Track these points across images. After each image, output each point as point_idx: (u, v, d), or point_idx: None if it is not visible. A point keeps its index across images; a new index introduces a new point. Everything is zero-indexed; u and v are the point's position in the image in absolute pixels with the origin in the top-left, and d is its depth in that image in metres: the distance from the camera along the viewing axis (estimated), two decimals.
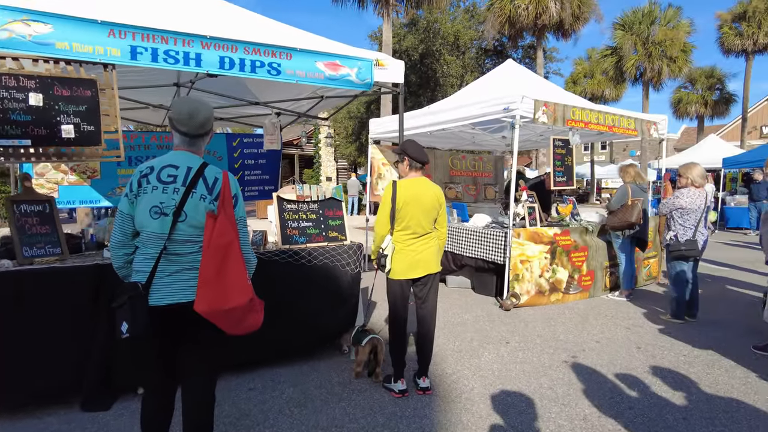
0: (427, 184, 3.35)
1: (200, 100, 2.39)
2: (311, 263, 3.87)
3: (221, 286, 2.05)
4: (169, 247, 2.10)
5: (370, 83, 4.15)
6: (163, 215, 2.10)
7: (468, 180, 9.24)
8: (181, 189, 2.12)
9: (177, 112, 2.21)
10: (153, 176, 2.12)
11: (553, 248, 5.85)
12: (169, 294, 2.11)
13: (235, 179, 2.30)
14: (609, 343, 4.46)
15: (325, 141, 24.59)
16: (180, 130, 2.21)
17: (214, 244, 2.06)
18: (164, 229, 2.10)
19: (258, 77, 3.78)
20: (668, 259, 5.18)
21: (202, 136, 2.27)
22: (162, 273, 2.11)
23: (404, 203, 3.19)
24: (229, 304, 2.05)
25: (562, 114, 5.75)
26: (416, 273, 3.27)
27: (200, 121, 2.21)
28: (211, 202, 2.15)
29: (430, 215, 3.31)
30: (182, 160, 2.19)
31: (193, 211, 2.12)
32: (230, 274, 2.07)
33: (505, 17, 17.90)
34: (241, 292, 2.09)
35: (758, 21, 25.97)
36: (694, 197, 4.94)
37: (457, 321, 5.16)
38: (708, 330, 4.83)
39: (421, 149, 3.33)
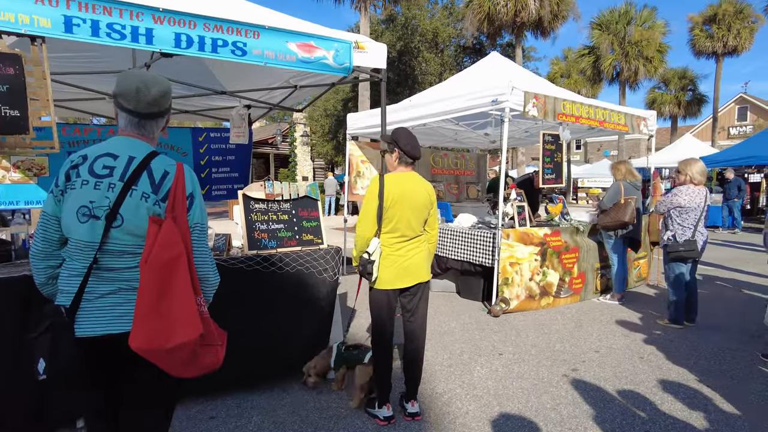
0: (419, 180, 2.93)
1: (150, 73, 1.88)
2: (283, 271, 3.40)
3: (163, 316, 1.57)
4: (100, 261, 1.64)
5: (349, 68, 3.71)
6: (93, 218, 1.63)
7: (450, 178, 8.88)
8: (117, 185, 1.65)
9: (122, 84, 1.72)
10: (85, 167, 1.66)
11: (543, 250, 5.51)
12: (100, 322, 1.64)
13: (192, 174, 1.82)
14: (609, 353, 4.12)
15: (300, 140, 23.97)
16: (125, 107, 1.72)
17: (154, 259, 1.58)
18: (94, 237, 1.63)
19: (221, 58, 3.30)
20: (666, 261, 4.89)
21: (155, 116, 1.77)
22: (91, 294, 1.64)
23: (393, 201, 2.76)
24: (173, 342, 1.56)
25: (553, 107, 5.41)
26: (405, 282, 2.84)
27: (153, 96, 1.72)
28: (156, 202, 1.67)
29: (421, 215, 2.89)
30: (124, 147, 1.72)
31: (131, 214, 1.64)
32: (175, 301, 1.60)
33: (484, 14, 17.66)
34: (188, 324, 1.60)
35: (728, 24, 26.60)
36: (693, 195, 4.65)
37: (444, 330, 4.76)
38: (709, 335, 4.55)
39: (416, 141, 2.90)
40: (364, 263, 2.76)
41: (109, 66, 4.50)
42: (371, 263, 2.73)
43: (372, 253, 2.74)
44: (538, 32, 18.74)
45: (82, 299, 1.63)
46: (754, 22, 26.84)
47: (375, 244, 2.76)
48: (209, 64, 4.99)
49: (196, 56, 4.46)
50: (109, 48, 3.16)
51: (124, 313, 1.63)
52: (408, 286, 2.86)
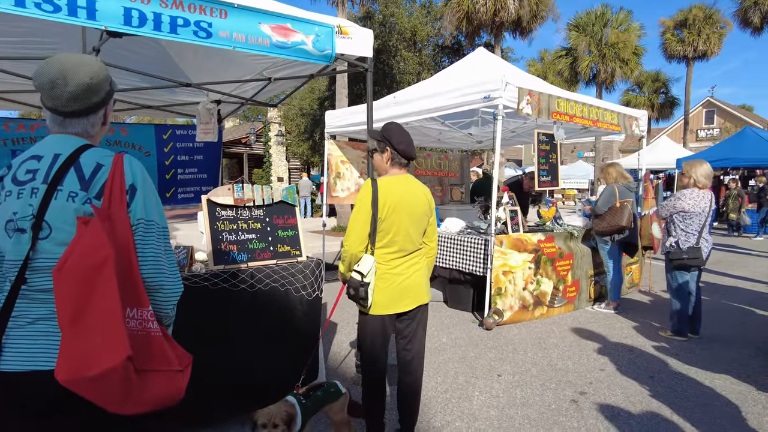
0: (416, 184, 2.52)
1: (81, 56, 1.48)
2: (254, 289, 2.93)
3: (81, 337, 1.26)
4: (31, 280, 1.35)
5: (331, 55, 3.26)
6: (19, 231, 1.36)
7: (434, 180, 8.49)
8: (41, 188, 1.38)
9: (36, 76, 1.41)
10: (8, 177, 1.42)
11: (537, 257, 5.16)
12: (28, 354, 1.33)
13: (137, 164, 1.49)
14: (616, 372, 3.77)
15: (275, 139, 23.32)
16: (45, 104, 1.45)
17: (70, 268, 1.27)
18: (20, 253, 1.35)
19: (181, 40, 2.79)
20: (668, 269, 4.60)
21: (81, 114, 1.47)
22: (21, 319, 1.35)
23: (390, 210, 2.32)
24: (96, 368, 1.24)
25: (547, 105, 5.07)
26: (404, 305, 2.41)
27: (72, 90, 1.41)
28: (86, 201, 1.38)
29: (421, 225, 2.48)
30: (50, 146, 1.45)
31: (59, 220, 1.36)
32: (96, 318, 1.28)
33: (463, 13, 17.37)
34: (111, 346, 1.27)
35: (698, 29, 27.10)
36: (698, 199, 4.36)
37: (435, 346, 4.34)
38: (717, 349, 4.27)
39: (410, 138, 2.48)
40: (355, 286, 2.29)
41: (56, 49, 3.94)
42: (365, 286, 2.28)
43: (366, 273, 2.28)
44: (516, 32, 18.58)
45: (8, 325, 1.35)
46: (723, 28, 27.42)
47: (370, 263, 2.30)
48: (172, 51, 4.46)
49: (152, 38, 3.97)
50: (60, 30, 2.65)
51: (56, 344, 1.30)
52: (407, 309, 2.42)
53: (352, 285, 2.30)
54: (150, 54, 4.40)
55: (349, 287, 2.32)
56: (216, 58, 4.55)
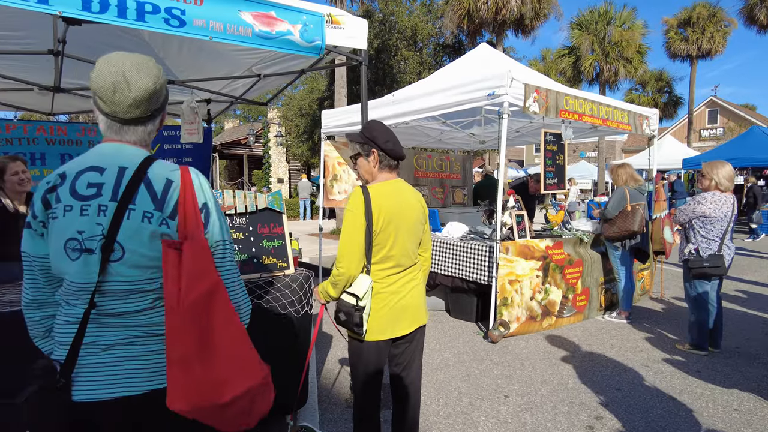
0: (408, 189, 2.21)
1: (138, 57, 1.36)
2: None
3: (209, 366, 1.24)
4: (101, 304, 1.27)
5: (321, 47, 2.96)
6: (86, 252, 1.27)
7: (435, 182, 8.18)
8: (109, 206, 1.28)
9: (95, 79, 1.30)
10: (65, 189, 1.29)
11: (545, 264, 4.85)
12: (108, 383, 1.27)
13: (202, 178, 1.40)
14: (633, 392, 3.46)
15: (275, 140, 23.06)
16: (102, 110, 1.34)
17: (186, 300, 1.22)
18: (89, 276, 1.26)
19: (149, 28, 2.49)
20: (686, 278, 4.28)
21: (143, 121, 1.38)
22: (94, 346, 1.27)
23: (385, 222, 2.01)
24: (229, 393, 1.25)
25: (555, 103, 4.76)
26: (402, 328, 2.10)
27: (136, 96, 1.31)
28: (162, 221, 1.30)
29: (417, 236, 2.18)
30: (111, 156, 1.35)
31: (133, 241, 1.28)
32: (223, 345, 1.27)
33: (464, 11, 17.05)
34: (248, 369, 1.31)
35: (702, 27, 26.76)
36: (720, 203, 4.05)
37: (438, 362, 4.04)
38: (741, 365, 3.95)
39: (396, 137, 2.16)
40: (348, 311, 1.97)
41: (28, 44, 3.66)
42: (360, 311, 1.96)
43: (362, 296, 1.96)
44: (519, 31, 18.25)
45: (82, 353, 1.27)
46: (727, 26, 27.08)
47: (366, 285, 1.98)
48: (156, 47, 4.18)
49: (133, 31, 3.68)
50: (26, 22, 2.35)
51: (140, 368, 1.29)
52: (405, 333, 2.12)
53: (344, 309, 1.98)
54: (130, 48, 4.07)
55: (339, 311, 2.00)
56: (202, 54, 4.27)
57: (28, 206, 3.34)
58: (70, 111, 5.83)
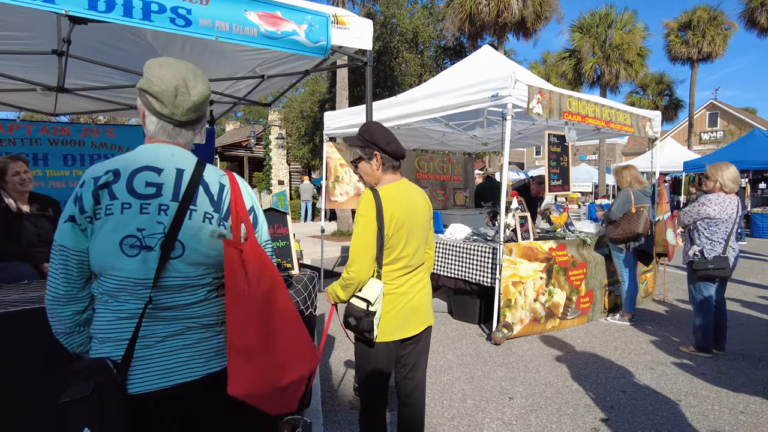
0: (414, 189, 2.19)
1: (187, 63, 1.45)
2: None
3: (273, 355, 1.36)
4: (156, 299, 1.33)
5: (326, 47, 2.96)
6: (146, 249, 1.33)
7: (436, 184, 8.18)
8: (171, 206, 1.36)
9: (155, 82, 1.37)
10: (121, 186, 1.33)
11: (549, 266, 4.84)
12: (164, 372, 1.34)
13: (246, 184, 1.54)
14: (639, 395, 3.44)
15: (275, 142, 23.06)
16: (159, 112, 1.39)
17: (257, 291, 1.35)
18: (147, 272, 1.32)
19: (155, 28, 2.49)
20: (691, 280, 4.26)
21: (195, 123, 1.47)
22: (150, 338, 1.33)
23: (398, 225, 1.99)
24: (288, 377, 1.38)
25: (558, 105, 4.76)
26: (411, 329, 2.09)
27: (195, 100, 1.40)
28: (220, 223, 1.41)
29: (425, 236, 2.17)
30: (166, 159, 1.40)
31: (193, 240, 1.37)
32: (285, 332, 1.40)
33: (465, 14, 17.07)
34: (306, 354, 1.45)
35: (702, 30, 26.81)
36: (725, 205, 4.04)
37: (441, 364, 4.02)
38: (746, 368, 3.93)
39: (394, 137, 2.13)
40: (358, 315, 1.95)
41: (31, 45, 3.66)
42: (370, 316, 1.94)
43: (374, 301, 1.94)
44: (520, 33, 18.26)
45: (137, 347, 1.32)
46: (728, 29, 27.12)
47: (377, 289, 1.96)
48: (158, 47, 4.17)
49: (135, 32, 3.67)
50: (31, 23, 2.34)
51: (193, 358, 1.37)
52: (414, 333, 2.11)
53: (354, 314, 1.96)
54: (133, 49, 4.11)
55: (349, 316, 1.99)
56: (205, 53, 4.26)
57: (30, 206, 3.34)
58: (73, 112, 5.82)
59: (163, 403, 1.34)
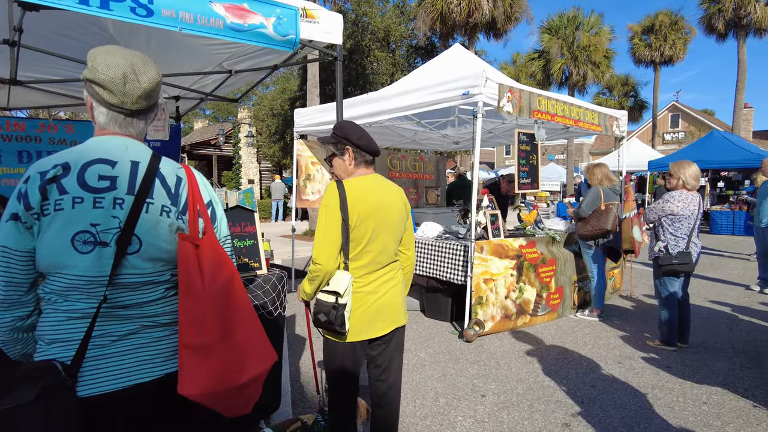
0: (388, 184, 2.16)
1: (132, 51, 1.38)
2: None
3: (230, 352, 1.33)
4: (112, 297, 1.28)
5: (295, 41, 2.89)
6: (100, 245, 1.27)
7: (408, 182, 8.17)
8: (127, 199, 1.31)
9: (101, 69, 1.30)
10: (71, 180, 1.26)
11: (519, 263, 4.88)
12: (119, 373, 1.28)
13: (203, 177, 1.50)
14: (608, 389, 3.50)
15: (245, 140, 22.69)
16: (109, 101, 1.33)
17: (213, 286, 1.32)
18: (102, 269, 1.26)
19: (114, 17, 2.38)
20: (656, 275, 4.37)
21: (147, 112, 1.41)
22: (104, 338, 1.27)
23: (362, 217, 1.95)
24: (246, 375, 1.34)
25: (528, 103, 4.80)
26: (378, 329, 2.04)
27: (145, 87, 1.35)
28: (178, 216, 1.37)
29: (397, 232, 2.12)
30: (120, 151, 1.34)
31: (151, 234, 1.32)
32: (242, 329, 1.36)
33: (437, 13, 17.18)
34: (263, 352, 1.40)
35: (664, 34, 27.76)
36: (687, 201, 4.15)
37: (413, 363, 4.00)
38: (709, 360, 4.05)
39: (368, 134, 2.12)
40: (328, 310, 1.89)
41: None
42: (340, 308, 1.88)
43: (343, 293, 1.88)
44: (490, 34, 18.51)
45: (90, 347, 1.25)
46: (687, 34, 28.14)
47: (346, 281, 1.91)
48: (121, 40, 4.00)
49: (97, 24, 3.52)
50: None
51: (151, 356, 1.33)
52: (383, 333, 2.06)
53: (323, 309, 1.90)
54: (96, 43, 3.91)
55: (319, 312, 1.93)
56: (172, 48, 4.13)
57: None
58: (31, 106, 5.56)
59: (117, 405, 1.29)
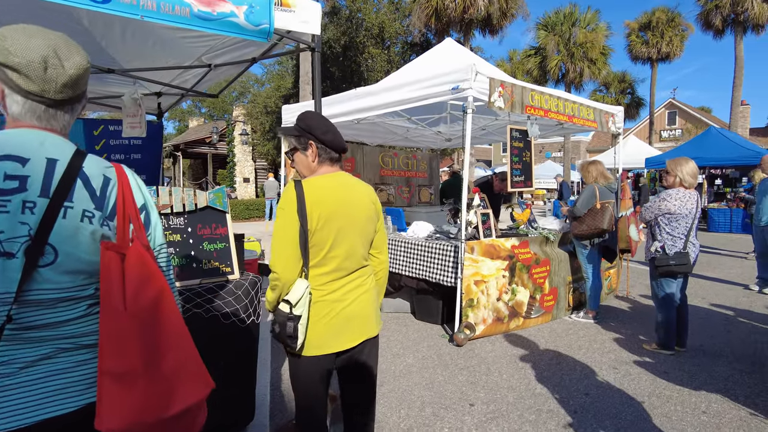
0: (355, 183, 1.96)
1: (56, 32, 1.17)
2: None
3: (158, 379, 1.12)
4: (19, 317, 1.08)
5: (268, 30, 2.71)
6: (4, 256, 1.06)
7: (401, 181, 8.01)
8: (39, 203, 1.10)
9: (16, 49, 1.10)
10: None
11: (512, 264, 4.71)
12: (30, 405, 1.08)
13: (138, 177, 1.33)
14: (602, 396, 3.34)
15: (239, 138, 22.48)
16: (26, 89, 1.13)
17: (135, 304, 1.12)
18: (8, 285, 1.06)
19: (69, 3, 2.19)
20: (653, 276, 4.21)
21: (72, 102, 1.21)
22: (8, 366, 1.07)
23: (323, 219, 1.77)
24: (178, 406, 1.13)
25: (521, 98, 4.63)
26: (345, 341, 1.86)
27: (72, 72, 1.16)
28: (104, 222, 1.17)
29: (366, 235, 1.93)
30: (34, 147, 1.14)
31: (69, 243, 1.12)
32: (171, 354, 1.16)
33: (432, 9, 16.97)
34: (197, 379, 1.20)
35: (661, 31, 27.63)
36: (685, 200, 3.99)
37: (400, 369, 3.84)
38: (707, 364, 3.90)
39: (334, 127, 1.92)
40: (282, 321, 1.73)
41: None
42: (294, 320, 1.72)
43: (296, 303, 1.72)
44: (486, 30, 18.32)
45: None
46: (684, 31, 28.03)
47: (301, 290, 1.74)
48: (96, 33, 3.82)
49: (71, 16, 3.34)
50: None
51: (71, 383, 1.14)
52: (350, 346, 1.88)
53: (278, 320, 1.74)
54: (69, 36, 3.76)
55: (275, 323, 1.76)
56: (148, 42, 3.95)
57: None
58: None
59: None
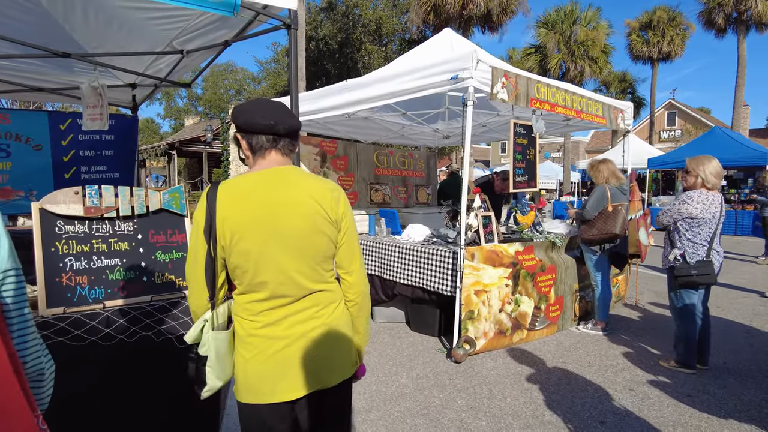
0: (295, 179, 1.47)
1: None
2: (114, 340, 1.95)
3: None
4: None
5: (235, 3, 2.31)
6: None
7: (397, 180, 7.60)
8: None
9: None
10: None
11: (515, 272, 4.32)
12: None
13: None
14: (620, 426, 2.94)
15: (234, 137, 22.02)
16: None
17: None
18: None
19: None
20: (672, 287, 3.81)
21: None
22: None
23: (237, 235, 1.36)
24: None
25: (526, 90, 4.23)
26: (289, 389, 1.41)
27: None
28: None
29: (311, 250, 1.45)
30: None
31: None
32: None
33: (430, 5, 16.56)
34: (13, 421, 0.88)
35: (662, 30, 27.30)
36: (707, 203, 3.60)
37: (392, 391, 3.43)
38: (734, 387, 3.51)
39: (280, 110, 1.48)
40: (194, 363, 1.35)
41: None
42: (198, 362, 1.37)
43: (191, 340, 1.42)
44: (485, 27, 17.90)
45: None
46: (686, 30, 27.70)
47: (199, 324, 1.42)
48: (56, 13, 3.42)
49: None
50: None
51: None
52: (293, 398, 1.43)
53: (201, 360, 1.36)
54: (26, 19, 3.37)
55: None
56: (113, 24, 3.57)
57: None
58: None
59: None
